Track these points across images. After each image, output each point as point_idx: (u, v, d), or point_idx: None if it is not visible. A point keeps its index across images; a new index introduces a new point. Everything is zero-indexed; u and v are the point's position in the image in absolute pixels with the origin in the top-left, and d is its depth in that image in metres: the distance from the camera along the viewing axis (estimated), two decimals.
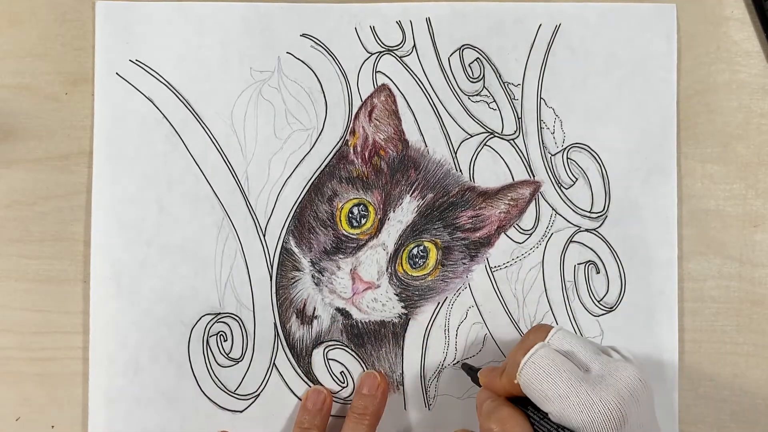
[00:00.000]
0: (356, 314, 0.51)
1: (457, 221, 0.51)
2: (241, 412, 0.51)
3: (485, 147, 0.51)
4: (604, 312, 0.51)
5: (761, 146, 0.52)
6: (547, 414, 0.38)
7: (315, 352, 0.51)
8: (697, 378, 0.51)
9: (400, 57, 0.52)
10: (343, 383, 0.51)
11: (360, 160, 0.51)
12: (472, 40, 0.52)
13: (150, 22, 0.51)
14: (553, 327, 0.41)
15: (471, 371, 0.48)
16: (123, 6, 0.51)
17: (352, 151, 0.51)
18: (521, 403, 0.40)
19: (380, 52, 0.52)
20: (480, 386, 0.45)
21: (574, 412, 0.37)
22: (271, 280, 0.51)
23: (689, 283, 0.51)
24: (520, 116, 0.51)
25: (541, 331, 0.41)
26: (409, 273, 0.51)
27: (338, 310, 0.51)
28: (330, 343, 0.51)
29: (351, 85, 0.51)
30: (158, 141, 0.51)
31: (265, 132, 0.51)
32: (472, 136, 0.51)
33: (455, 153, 0.51)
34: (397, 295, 0.51)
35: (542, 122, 0.51)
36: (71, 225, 0.51)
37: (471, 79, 0.52)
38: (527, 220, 0.51)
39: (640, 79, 0.51)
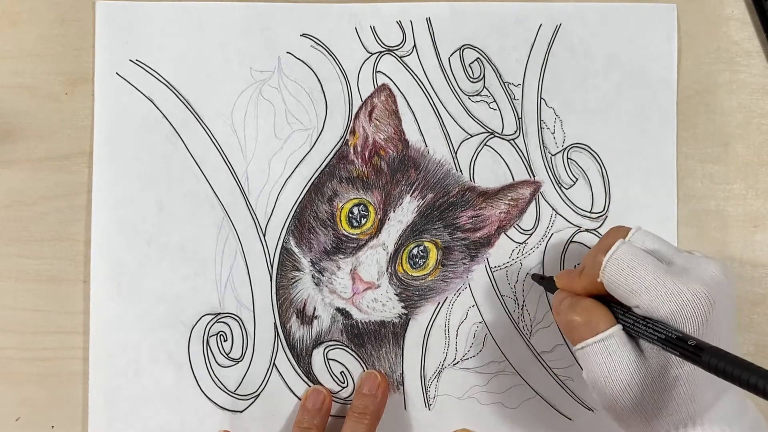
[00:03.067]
0: (356, 314, 0.51)
1: (457, 221, 0.51)
2: (241, 412, 0.51)
3: (485, 147, 0.51)
4: None
5: (761, 146, 0.52)
6: (630, 308, 0.38)
7: (315, 352, 0.51)
8: None
9: (400, 57, 0.52)
10: (343, 383, 0.51)
11: (360, 160, 0.51)
12: (473, 40, 0.52)
13: (150, 22, 0.51)
14: (632, 227, 0.41)
15: (542, 280, 0.48)
16: (123, 6, 0.51)
17: (352, 151, 0.51)
18: (601, 300, 0.40)
19: (380, 52, 0.52)
20: (553, 292, 0.44)
21: (662, 302, 0.36)
22: (271, 280, 0.51)
23: None
24: (520, 116, 0.51)
25: (620, 231, 0.41)
26: (409, 273, 0.51)
27: (338, 310, 0.51)
28: (330, 343, 0.51)
29: (351, 85, 0.51)
30: (158, 141, 0.51)
31: (265, 132, 0.51)
32: (472, 136, 0.51)
33: (455, 153, 0.51)
34: (397, 295, 0.51)
35: (542, 122, 0.51)
36: (71, 225, 0.51)
37: (471, 79, 0.52)
38: (527, 221, 0.51)
39: (640, 79, 0.51)
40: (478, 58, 0.52)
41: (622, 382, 0.37)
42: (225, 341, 0.51)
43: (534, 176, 0.51)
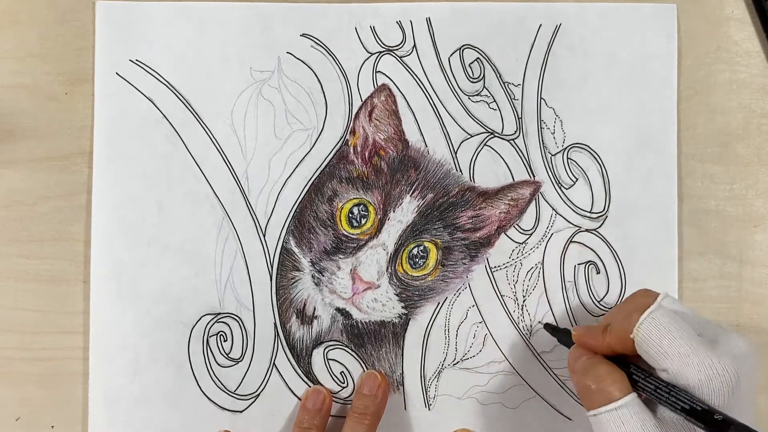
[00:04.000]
0: (356, 314, 0.51)
1: (457, 221, 0.51)
2: (241, 412, 0.51)
3: (485, 147, 0.51)
4: (605, 312, 0.51)
5: (761, 146, 0.52)
6: (653, 372, 0.38)
7: (315, 352, 0.51)
8: None
9: (400, 57, 0.52)
10: (343, 383, 0.51)
11: (360, 160, 0.51)
12: (473, 40, 0.52)
13: (150, 22, 0.51)
14: (660, 293, 0.41)
15: (555, 331, 0.48)
16: (123, 6, 0.51)
17: (352, 151, 0.51)
18: (619, 362, 0.40)
19: (380, 52, 0.52)
20: (567, 346, 0.44)
21: (693, 371, 0.36)
22: (271, 280, 0.51)
23: (689, 283, 0.51)
24: (520, 116, 0.51)
25: (648, 295, 0.41)
26: (409, 273, 0.51)
27: (338, 310, 0.51)
28: (330, 343, 0.51)
29: (351, 85, 0.51)
30: (158, 141, 0.51)
31: (265, 132, 0.51)
32: (472, 136, 0.51)
33: (455, 153, 0.51)
34: (397, 295, 0.51)
35: (542, 122, 0.51)
36: (71, 225, 0.51)
37: (471, 79, 0.52)
38: (527, 221, 0.51)
39: (640, 79, 0.51)
40: (478, 58, 0.52)
41: None
42: (225, 341, 0.51)
43: (534, 176, 0.51)
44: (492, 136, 0.51)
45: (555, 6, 0.52)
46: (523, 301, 0.51)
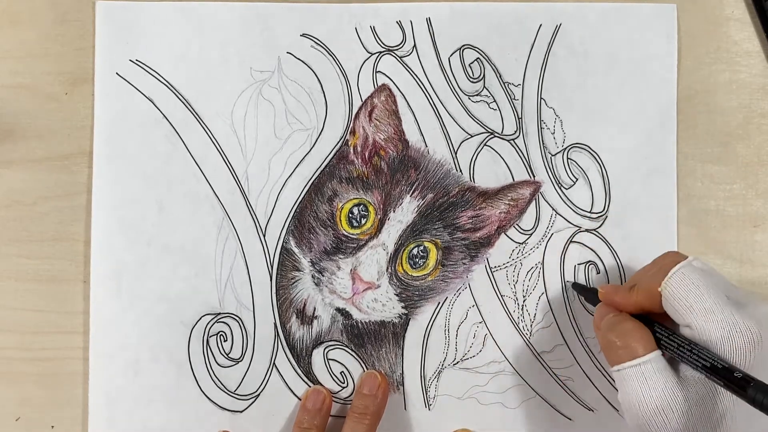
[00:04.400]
0: (356, 314, 0.51)
1: (457, 221, 0.51)
2: (241, 412, 0.51)
3: (485, 147, 0.51)
4: None
5: (761, 146, 0.52)
6: (676, 329, 0.39)
7: (315, 352, 0.51)
8: None
9: (400, 57, 0.52)
10: (343, 383, 0.51)
11: (360, 160, 0.51)
12: (472, 40, 0.52)
13: (150, 22, 0.51)
14: (689, 256, 0.41)
15: (585, 290, 0.48)
16: (123, 6, 0.51)
17: (352, 151, 0.51)
18: (644, 321, 0.41)
19: (380, 52, 0.52)
20: (593, 305, 0.45)
21: (715, 327, 0.37)
22: (271, 280, 0.51)
23: None
24: (520, 116, 0.51)
25: (679, 256, 0.41)
26: (409, 273, 0.51)
27: (338, 310, 0.51)
28: (330, 343, 0.51)
29: (351, 85, 0.51)
30: (158, 141, 0.51)
31: (265, 132, 0.51)
32: (472, 136, 0.51)
33: (455, 153, 0.51)
34: (397, 295, 0.51)
35: (542, 122, 0.51)
36: (71, 225, 0.51)
37: (471, 79, 0.52)
38: (527, 221, 0.51)
39: (640, 79, 0.51)
40: (478, 58, 0.52)
41: (656, 407, 0.37)
42: (225, 341, 0.51)
43: (534, 176, 0.51)
44: (492, 136, 0.51)
45: (555, 6, 0.52)
46: (523, 301, 0.51)
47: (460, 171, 0.51)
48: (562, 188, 0.51)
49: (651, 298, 0.40)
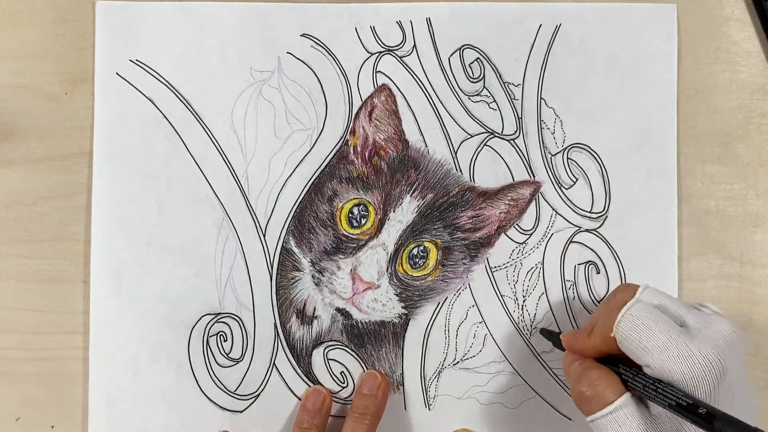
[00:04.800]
0: (356, 314, 0.51)
1: (457, 221, 0.51)
2: (241, 412, 0.51)
3: (485, 147, 0.51)
4: None
5: (761, 146, 0.52)
6: (640, 369, 0.38)
7: (315, 352, 0.51)
8: None
9: (400, 57, 0.52)
10: (343, 383, 0.51)
11: (360, 160, 0.51)
12: (472, 40, 0.52)
13: (150, 22, 0.51)
14: (639, 285, 0.41)
15: (551, 336, 0.48)
16: (123, 6, 0.51)
17: (352, 151, 0.51)
18: (610, 362, 0.40)
19: (380, 52, 0.52)
20: (562, 350, 0.44)
21: (674, 363, 0.36)
22: (271, 280, 0.51)
23: (689, 283, 0.51)
24: (520, 116, 0.51)
25: (628, 290, 0.41)
26: (409, 273, 0.51)
27: (338, 310, 0.51)
28: (330, 343, 0.51)
29: (351, 85, 0.51)
30: (158, 141, 0.51)
31: (265, 132, 0.51)
32: (472, 136, 0.51)
33: (455, 153, 0.51)
34: (397, 295, 0.51)
35: (542, 122, 0.51)
36: (71, 225, 0.51)
37: (471, 79, 0.52)
38: (527, 221, 0.51)
39: (640, 79, 0.51)
40: (478, 58, 0.52)
41: None
42: (225, 341, 0.51)
43: (534, 176, 0.51)
44: (492, 136, 0.51)
45: (555, 6, 0.52)
46: (523, 301, 0.51)
47: (460, 171, 0.51)
48: (562, 188, 0.51)
49: (608, 341, 0.40)
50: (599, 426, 0.38)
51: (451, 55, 0.52)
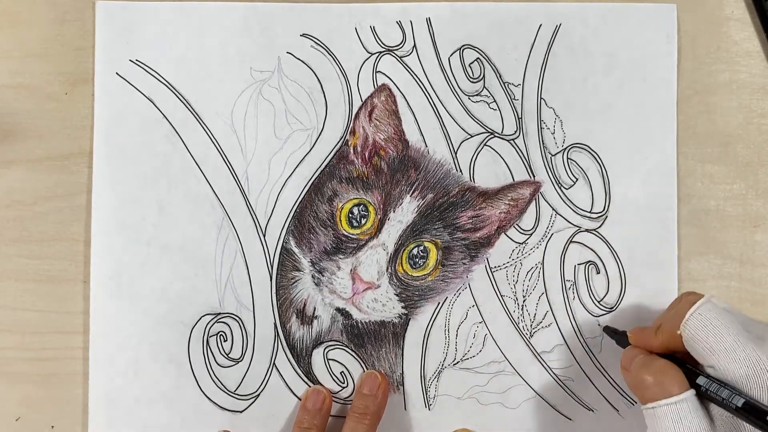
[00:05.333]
0: (356, 314, 0.51)
1: (457, 221, 0.51)
2: (241, 412, 0.51)
3: (485, 147, 0.51)
4: (605, 312, 0.51)
5: (761, 146, 0.52)
6: (703, 369, 0.39)
7: (315, 352, 0.51)
8: None
9: (400, 57, 0.52)
10: (343, 383, 0.51)
11: (360, 160, 0.51)
12: (472, 40, 0.52)
13: (150, 22, 0.51)
14: (704, 294, 0.41)
15: (615, 334, 0.48)
16: (123, 6, 0.51)
17: (352, 151, 0.51)
18: (673, 361, 0.41)
19: (380, 52, 0.52)
20: (623, 347, 0.45)
21: (739, 366, 0.37)
22: (271, 280, 0.51)
23: (689, 283, 0.51)
24: (520, 116, 0.51)
25: (696, 294, 0.41)
26: (409, 273, 0.51)
27: (338, 310, 0.51)
28: (330, 343, 0.51)
29: (351, 85, 0.51)
30: (158, 141, 0.51)
31: (265, 132, 0.51)
32: (472, 136, 0.51)
33: (455, 153, 0.51)
34: (397, 295, 0.51)
35: (542, 122, 0.51)
36: (71, 225, 0.51)
37: (471, 79, 0.52)
38: (527, 221, 0.51)
39: (640, 79, 0.51)
40: (478, 58, 0.52)
41: None
42: (225, 341, 0.51)
43: (534, 176, 0.51)
44: (492, 136, 0.51)
45: (555, 6, 0.52)
46: (523, 301, 0.51)
47: (460, 171, 0.51)
48: (562, 188, 0.51)
49: (675, 339, 0.40)
50: (657, 414, 0.38)
51: (451, 55, 0.52)
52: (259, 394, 0.51)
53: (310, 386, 0.51)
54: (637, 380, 0.40)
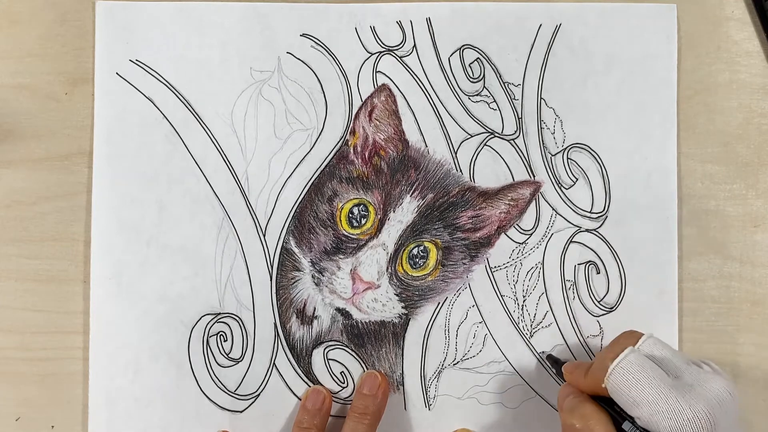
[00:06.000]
0: (356, 314, 0.51)
1: (457, 221, 0.51)
2: (241, 412, 0.51)
3: (485, 147, 0.51)
4: (605, 312, 0.51)
5: (761, 146, 0.52)
6: (632, 417, 0.39)
7: (315, 352, 0.51)
8: None
9: (400, 57, 0.52)
10: (343, 383, 0.51)
11: (360, 160, 0.51)
12: (473, 40, 0.52)
13: (150, 22, 0.51)
14: (644, 334, 0.41)
15: (555, 364, 0.48)
16: (123, 6, 0.51)
17: (352, 151, 0.51)
18: (605, 402, 0.41)
19: (380, 52, 0.52)
20: (563, 380, 0.45)
21: (662, 418, 0.37)
22: (271, 280, 0.51)
23: (689, 283, 0.51)
24: (520, 116, 0.51)
25: (631, 337, 0.42)
26: (410, 273, 0.51)
27: (338, 310, 0.51)
28: (330, 343, 0.51)
29: (351, 85, 0.51)
30: (158, 141, 0.51)
31: (265, 132, 0.51)
32: (472, 136, 0.51)
33: (455, 153, 0.51)
34: (397, 295, 0.51)
35: (542, 122, 0.51)
36: (71, 225, 0.51)
37: (471, 79, 0.52)
38: (527, 221, 0.51)
39: (640, 79, 0.51)
40: (478, 58, 0.52)
41: None
42: (225, 341, 0.51)
43: (534, 176, 0.51)
44: (492, 136, 0.51)
45: (555, 6, 0.52)
46: (523, 301, 0.51)
47: (460, 171, 0.51)
48: (562, 188, 0.51)
49: (600, 387, 0.40)
50: None
51: (451, 55, 0.52)
52: (259, 394, 0.51)
53: (310, 386, 0.51)
54: (566, 424, 0.41)
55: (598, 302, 0.51)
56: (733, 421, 0.38)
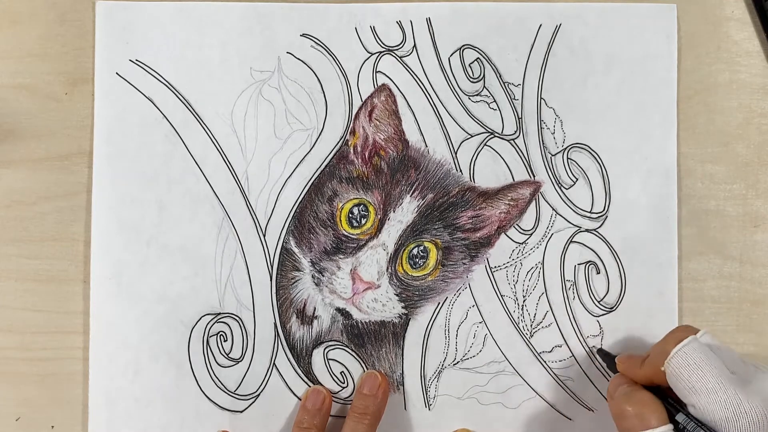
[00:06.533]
0: (356, 314, 0.51)
1: (457, 221, 0.51)
2: (241, 412, 0.51)
3: (485, 147, 0.51)
4: (605, 312, 0.51)
5: (761, 146, 0.52)
6: (685, 406, 0.39)
7: (315, 352, 0.51)
8: None
9: (400, 57, 0.52)
10: (343, 383, 0.51)
11: (360, 160, 0.51)
12: (473, 40, 0.52)
13: (150, 22, 0.51)
14: (699, 329, 0.41)
15: (607, 357, 0.48)
16: (123, 6, 0.51)
17: (352, 151, 0.51)
18: (658, 394, 0.41)
19: (380, 52, 0.52)
20: (614, 373, 0.45)
21: (719, 408, 0.37)
22: (271, 280, 0.51)
23: (689, 283, 0.51)
24: (520, 116, 0.51)
25: (687, 330, 0.41)
26: (410, 273, 0.51)
27: (338, 310, 0.51)
28: (330, 343, 0.51)
29: (351, 85, 0.51)
30: (158, 141, 0.51)
31: (265, 132, 0.51)
32: (472, 136, 0.51)
33: (455, 153, 0.51)
34: (397, 295, 0.51)
35: (542, 122, 0.51)
36: (71, 225, 0.51)
37: (471, 79, 0.52)
38: (527, 221, 0.51)
39: (640, 79, 0.51)
40: (478, 58, 0.52)
41: None
42: (225, 341, 0.51)
43: (534, 176, 0.51)
44: (492, 136, 0.51)
45: (555, 6, 0.52)
46: (523, 301, 0.51)
47: (460, 171, 0.51)
48: (562, 188, 0.51)
49: (659, 374, 0.40)
50: None
51: (451, 55, 0.52)
52: (259, 394, 0.51)
53: (310, 386, 0.51)
54: (619, 410, 0.41)
55: (598, 302, 0.51)
56: None
